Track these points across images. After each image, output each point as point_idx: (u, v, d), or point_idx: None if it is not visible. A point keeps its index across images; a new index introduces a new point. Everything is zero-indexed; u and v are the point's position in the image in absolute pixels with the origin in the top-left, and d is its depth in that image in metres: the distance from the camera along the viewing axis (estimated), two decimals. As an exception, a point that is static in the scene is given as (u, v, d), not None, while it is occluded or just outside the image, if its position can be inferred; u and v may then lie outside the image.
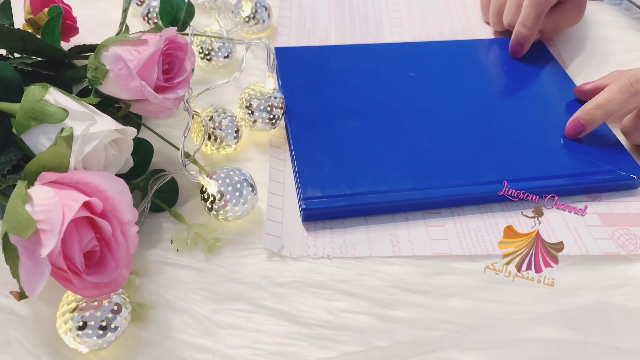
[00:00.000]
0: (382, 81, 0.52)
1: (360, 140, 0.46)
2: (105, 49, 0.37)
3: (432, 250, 0.40)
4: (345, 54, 0.56)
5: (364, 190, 0.42)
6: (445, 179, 0.43)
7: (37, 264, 0.28)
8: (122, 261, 0.31)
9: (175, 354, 0.34)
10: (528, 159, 0.45)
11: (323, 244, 0.40)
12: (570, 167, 0.45)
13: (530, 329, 0.35)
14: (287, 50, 0.55)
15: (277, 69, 0.53)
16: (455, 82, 0.53)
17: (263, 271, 0.38)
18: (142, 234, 0.39)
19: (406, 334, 0.35)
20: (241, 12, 0.57)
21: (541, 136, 0.48)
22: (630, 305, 0.37)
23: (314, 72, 0.53)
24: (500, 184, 0.41)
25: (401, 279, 0.38)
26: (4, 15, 0.46)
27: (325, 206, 0.41)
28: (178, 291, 0.37)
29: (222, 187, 0.38)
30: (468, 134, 0.47)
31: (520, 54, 0.56)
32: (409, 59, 0.55)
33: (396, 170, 0.44)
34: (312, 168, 0.43)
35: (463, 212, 0.43)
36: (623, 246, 0.40)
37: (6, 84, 0.38)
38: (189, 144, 0.46)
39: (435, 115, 0.49)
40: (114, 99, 0.39)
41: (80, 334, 0.32)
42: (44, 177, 0.30)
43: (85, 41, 0.47)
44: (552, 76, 0.55)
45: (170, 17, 0.47)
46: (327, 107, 0.49)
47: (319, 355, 0.34)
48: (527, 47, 0.56)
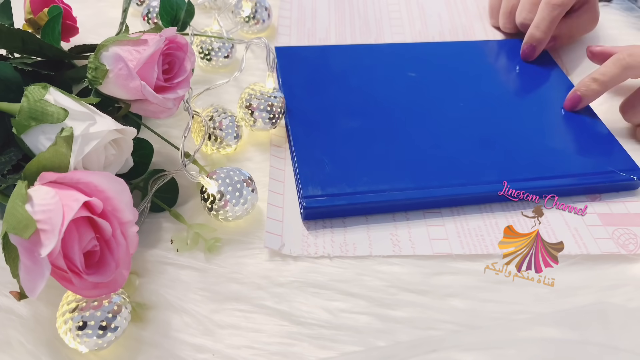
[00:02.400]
0: (382, 81, 0.52)
1: (361, 140, 0.46)
2: (105, 49, 0.37)
3: (433, 249, 0.40)
4: (345, 53, 0.56)
5: (364, 189, 0.42)
6: (445, 179, 0.43)
7: (37, 264, 0.28)
8: (122, 261, 0.31)
9: (175, 354, 0.34)
10: (528, 159, 0.45)
11: (323, 242, 0.40)
12: (569, 168, 0.45)
13: (530, 329, 0.35)
14: (287, 50, 0.55)
15: (277, 68, 0.53)
16: (456, 83, 0.53)
17: (263, 271, 0.38)
18: (142, 234, 0.39)
19: (406, 334, 0.35)
20: (241, 12, 0.57)
21: (541, 137, 0.48)
22: (630, 305, 0.37)
23: (314, 72, 0.53)
24: (500, 183, 0.41)
25: (401, 279, 0.38)
26: (4, 15, 0.46)
27: (325, 205, 0.41)
28: (178, 291, 0.37)
29: (222, 187, 0.38)
30: (468, 134, 0.47)
31: (531, 58, 0.56)
32: (409, 59, 0.55)
33: (396, 170, 0.44)
34: (312, 167, 0.43)
35: (463, 211, 0.43)
36: (623, 246, 0.40)
37: (6, 84, 0.38)
38: (189, 144, 0.46)
39: (435, 115, 0.49)
40: (114, 99, 0.39)
41: (80, 334, 0.32)
42: (44, 177, 0.30)
43: (85, 41, 0.47)
44: (551, 77, 0.55)
45: (170, 17, 0.47)
46: (327, 106, 0.49)
47: (319, 355, 0.34)
48: (539, 51, 0.55)
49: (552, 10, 0.53)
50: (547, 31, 0.54)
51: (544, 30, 0.54)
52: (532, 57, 0.56)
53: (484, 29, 0.62)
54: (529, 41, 0.55)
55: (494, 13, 0.62)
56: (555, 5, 0.53)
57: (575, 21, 0.56)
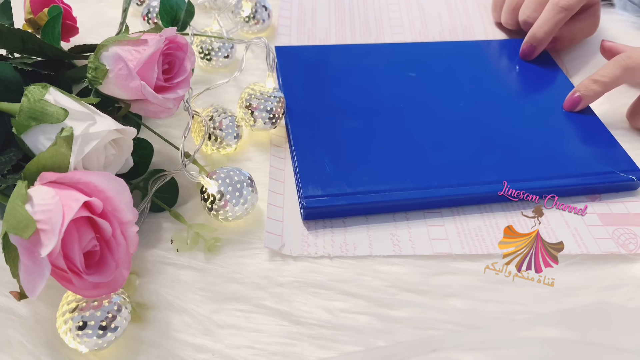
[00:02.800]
0: (383, 81, 0.52)
1: (361, 140, 0.46)
2: (105, 49, 0.37)
3: (433, 249, 0.40)
4: (346, 53, 0.56)
5: (364, 189, 0.42)
6: (445, 179, 0.43)
7: (37, 264, 0.28)
8: (122, 261, 0.31)
9: (175, 354, 0.34)
10: (528, 159, 0.45)
11: (324, 242, 0.40)
12: (569, 168, 0.45)
13: (530, 329, 0.35)
14: (288, 50, 0.55)
15: (277, 67, 0.53)
16: (456, 83, 0.53)
17: (263, 271, 0.38)
18: (142, 234, 0.39)
19: (406, 334, 0.35)
20: (241, 12, 0.57)
21: (541, 137, 0.48)
22: (630, 305, 0.37)
23: (315, 71, 0.53)
24: (500, 184, 0.41)
25: (401, 279, 0.38)
26: (4, 15, 0.46)
27: (326, 205, 0.41)
28: (178, 291, 0.37)
29: (222, 187, 0.38)
30: (468, 134, 0.47)
31: (530, 57, 0.56)
32: (409, 59, 0.55)
33: (397, 170, 0.44)
34: (312, 167, 0.43)
35: (463, 211, 0.43)
36: (623, 245, 0.40)
37: (6, 84, 0.38)
38: (189, 143, 0.46)
39: (435, 115, 0.49)
40: (114, 99, 0.39)
41: (80, 333, 0.32)
42: (44, 177, 0.30)
43: (85, 41, 0.47)
44: (552, 77, 0.55)
45: (170, 17, 0.47)
46: (327, 106, 0.49)
47: (319, 355, 0.34)
48: (538, 51, 0.55)
49: (558, 13, 0.53)
50: (549, 33, 0.54)
51: (547, 32, 0.54)
52: (531, 57, 0.56)
53: (484, 29, 0.62)
54: (530, 41, 0.55)
55: (497, 7, 0.62)
56: (562, 8, 0.52)
57: (577, 25, 0.56)
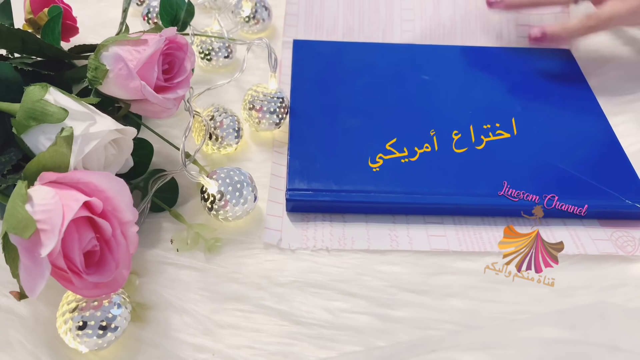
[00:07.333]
0: (394, 82, 0.52)
1: (357, 139, 0.46)
2: (105, 49, 0.37)
3: (430, 245, 0.40)
4: (362, 51, 0.55)
5: (349, 188, 0.42)
6: (435, 187, 0.42)
7: (37, 264, 0.28)
8: (122, 261, 0.31)
9: (175, 354, 0.34)
10: (531, 177, 0.44)
11: (322, 236, 0.40)
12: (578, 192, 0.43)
13: (530, 329, 0.35)
14: (305, 44, 0.55)
15: (291, 60, 0.53)
16: (469, 90, 0.51)
17: (263, 271, 0.38)
18: (142, 234, 0.39)
19: (406, 334, 0.35)
20: (241, 12, 0.57)
21: (548, 155, 0.45)
22: (630, 305, 0.37)
23: (328, 68, 0.53)
24: (496, 197, 0.41)
25: (401, 279, 0.38)
26: (4, 15, 0.46)
27: (308, 199, 0.41)
28: (178, 291, 0.37)
29: (222, 187, 0.38)
30: (470, 144, 0.46)
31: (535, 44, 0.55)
32: (425, 61, 0.54)
33: (385, 172, 0.43)
34: (303, 161, 0.43)
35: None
36: (621, 247, 0.40)
37: (6, 84, 0.38)
38: (189, 143, 0.46)
39: (440, 120, 0.48)
40: (114, 99, 0.39)
41: (80, 333, 0.32)
42: (44, 177, 0.30)
43: (85, 41, 0.47)
44: (575, 92, 0.52)
45: (170, 17, 0.47)
46: (332, 103, 0.49)
47: (319, 355, 0.34)
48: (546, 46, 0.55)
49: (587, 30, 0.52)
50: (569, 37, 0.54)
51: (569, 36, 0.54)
52: (535, 44, 0.55)
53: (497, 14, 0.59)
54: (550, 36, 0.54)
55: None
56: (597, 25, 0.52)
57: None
